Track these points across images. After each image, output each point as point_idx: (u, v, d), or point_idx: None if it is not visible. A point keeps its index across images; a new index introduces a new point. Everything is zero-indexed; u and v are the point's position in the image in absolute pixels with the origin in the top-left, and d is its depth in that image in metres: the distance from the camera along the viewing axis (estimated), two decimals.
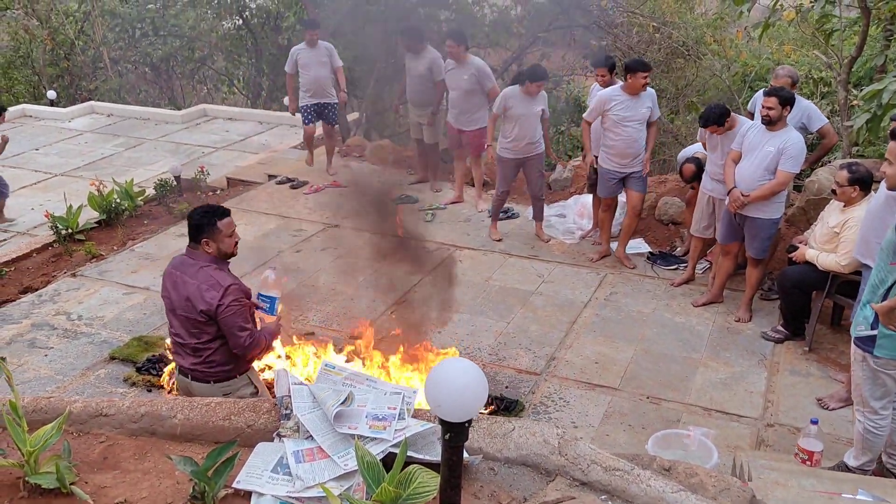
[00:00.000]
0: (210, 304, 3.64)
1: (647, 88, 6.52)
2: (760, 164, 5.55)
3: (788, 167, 5.50)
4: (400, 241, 6.35)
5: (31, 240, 7.61)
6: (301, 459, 2.54)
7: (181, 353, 3.86)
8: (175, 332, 3.85)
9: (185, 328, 3.77)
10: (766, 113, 5.47)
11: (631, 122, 6.48)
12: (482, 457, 2.66)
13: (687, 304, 6.27)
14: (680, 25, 11.47)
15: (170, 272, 3.82)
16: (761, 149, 5.55)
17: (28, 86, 15.02)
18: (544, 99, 7.16)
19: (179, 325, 3.79)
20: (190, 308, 3.70)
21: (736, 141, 5.77)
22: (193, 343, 3.77)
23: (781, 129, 5.51)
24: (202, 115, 12.54)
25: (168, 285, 3.80)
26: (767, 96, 5.50)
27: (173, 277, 3.78)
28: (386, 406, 2.71)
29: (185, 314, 3.74)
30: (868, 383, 3.82)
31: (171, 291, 3.78)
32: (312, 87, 8.90)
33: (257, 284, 4.15)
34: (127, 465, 2.76)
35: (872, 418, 3.86)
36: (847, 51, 7.50)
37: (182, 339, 3.81)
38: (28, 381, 5.21)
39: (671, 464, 2.70)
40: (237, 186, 9.09)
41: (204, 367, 3.79)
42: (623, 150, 6.55)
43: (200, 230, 3.75)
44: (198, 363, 3.79)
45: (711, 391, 5.19)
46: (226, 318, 3.67)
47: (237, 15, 14.52)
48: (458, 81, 7.76)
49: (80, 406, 2.95)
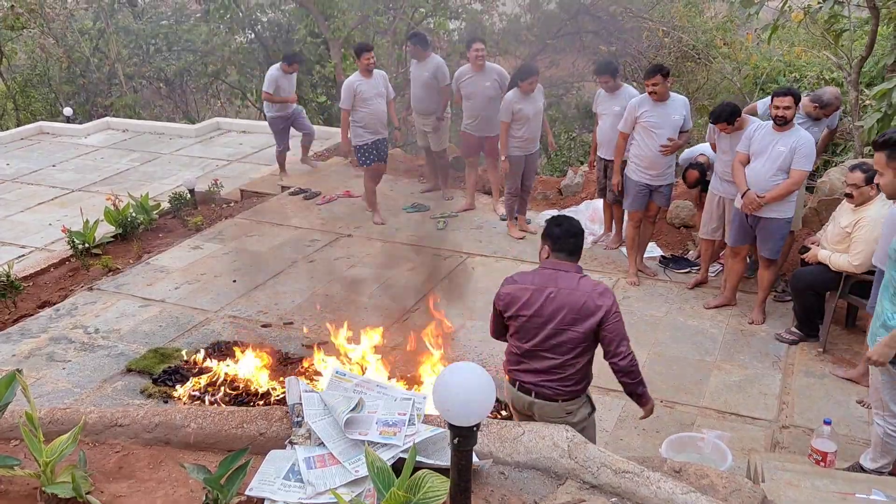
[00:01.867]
0: (604, 311, 3.45)
1: (678, 96, 6.45)
2: (773, 165, 5.52)
3: (802, 165, 5.48)
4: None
5: (48, 255, 7.72)
6: (312, 465, 2.57)
7: (530, 368, 3.62)
8: (531, 348, 3.58)
9: (554, 342, 3.54)
10: (782, 113, 5.44)
11: (662, 129, 6.30)
12: (492, 461, 2.67)
13: (700, 308, 6.25)
14: (689, 29, 11.47)
15: (532, 290, 3.55)
16: (773, 149, 5.53)
17: (45, 103, 15.24)
18: (542, 93, 7.39)
19: (544, 340, 3.54)
20: (575, 320, 3.48)
21: (742, 143, 5.73)
22: (560, 360, 3.54)
23: (790, 128, 5.49)
24: (216, 129, 12.66)
25: (529, 303, 3.54)
26: (782, 96, 5.45)
27: (546, 292, 3.52)
28: (396, 412, 2.73)
29: (565, 327, 3.50)
30: (888, 388, 3.78)
31: (544, 306, 3.51)
32: (372, 122, 7.89)
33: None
34: (142, 474, 2.79)
35: (893, 422, 3.83)
36: (857, 51, 7.47)
37: (542, 354, 3.57)
38: (47, 393, 5.28)
39: (682, 466, 2.70)
40: (251, 198, 9.16)
41: (556, 384, 3.58)
42: (654, 160, 6.37)
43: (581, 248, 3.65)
44: (551, 380, 3.58)
45: (726, 394, 5.17)
46: (614, 325, 3.48)
47: (249, 29, 14.67)
48: (479, 88, 7.76)
49: (96, 416, 2.99)
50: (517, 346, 3.64)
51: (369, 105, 7.76)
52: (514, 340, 3.65)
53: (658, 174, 6.45)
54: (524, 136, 7.28)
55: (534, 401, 3.63)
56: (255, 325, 6.16)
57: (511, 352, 3.71)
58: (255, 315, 6.30)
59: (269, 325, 6.13)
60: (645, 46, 11.65)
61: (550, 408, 3.62)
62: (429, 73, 8.21)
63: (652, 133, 6.32)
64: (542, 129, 7.51)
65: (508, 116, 7.18)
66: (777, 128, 5.51)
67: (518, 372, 3.67)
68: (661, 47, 11.46)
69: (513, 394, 3.75)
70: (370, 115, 7.79)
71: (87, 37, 14.76)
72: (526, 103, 7.16)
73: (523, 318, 3.56)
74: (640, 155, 6.46)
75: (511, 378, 3.73)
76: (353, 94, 7.73)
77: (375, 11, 10.77)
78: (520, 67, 7.49)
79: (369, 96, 7.80)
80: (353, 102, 7.77)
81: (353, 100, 7.75)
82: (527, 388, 3.64)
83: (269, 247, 7.67)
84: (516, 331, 3.62)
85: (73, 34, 14.50)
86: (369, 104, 7.76)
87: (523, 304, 3.55)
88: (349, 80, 7.87)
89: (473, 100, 7.84)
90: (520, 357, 3.65)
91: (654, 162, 6.38)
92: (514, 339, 3.65)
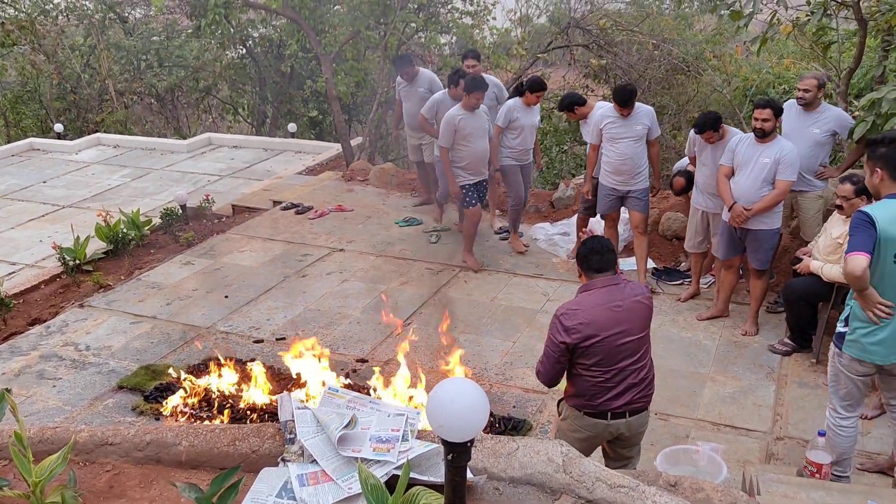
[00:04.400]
0: (652, 303, 3.64)
1: (644, 106, 6.59)
2: (759, 177, 5.58)
3: (787, 175, 5.55)
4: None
5: (39, 272, 7.67)
6: (305, 483, 2.55)
7: (622, 390, 3.55)
8: (622, 368, 3.53)
9: (641, 352, 3.58)
10: (760, 125, 5.53)
11: (624, 139, 6.48)
12: (487, 476, 2.65)
13: (693, 319, 6.26)
14: (679, 42, 11.53)
15: (602, 309, 3.49)
16: (756, 161, 5.59)
17: (36, 119, 15.21)
18: (538, 111, 7.47)
19: (631, 354, 3.53)
20: (644, 325, 3.58)
21: (726, 155, 5.80)
22: (646, 365, 3.62)
23: (773, 139, 5.56)
24: (207, 144, 12.66)
25: (608, 322, 3.48)
26: (761, 108, 5.54)
27: (609, 310, 3.49)
28: (389, 428, 2.72)
29: (640, 334, 3.55)
30: (833, 380, 3.95)
31: (619, 321, 3.49)
32: (475, 162, 7.02)
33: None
34: (133, 493, 2.76)
35: (834, 416, 3.96)
36: (845, 62, 7.53)
37: (632, 369, 3.55)
38: (37, 412, 5.23)
39: (677, 479, 2.69)
40: (242, 213, 9.14)
41: (646, 390, 3.62)
42: (618, 167, 6.56)
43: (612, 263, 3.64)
44: (643, 389, 3.60)
45: (720, 406, 5.16)
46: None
47: (240, 44, 14.69)
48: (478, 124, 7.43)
49: (86, 435, 2.96)
50: (600, 375, 3.52)
51: (472, 142, 6.89)
52: (598, 369, 3.52)
53: (624, 180, 6.60)
54: (518, 146, 7.36)
55: (629, 420, 3.62)
56: (247, 340, 6.13)
57: (594, 383, 3.55)
58: (248, 331, 6.27)
59: (261, 341, 6.09)
60: (635, 59, 11.69)
61: (643, 418, 3.68)
62: (424, 87, 8.21)
63: (615, 142, 6.53)
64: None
65: (505, 122, 7.26)
66: (759, 140, 5.56)
67: (607, 401, 3.56)
68: (652, 60, 11.51)
69: (597, 429, 3.64)
70: (472, 154, 6.96)
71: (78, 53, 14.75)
72: (524, 114, 7.27)
73: (606, 340, 3.47)
74: (606, 161, 6.66)
75: (596, 411, 3.59)
76: (452, 129, 6.86)
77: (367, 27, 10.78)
78: (532, 77, 7.52)
79: (473, 131, 6.97)
80: (452, 140, 6.95)
81: (453, 136, 6.92)
82: (620, 413, 3.59)
83: (261, 262, 7.64)
84: (600, 358, 3.49)
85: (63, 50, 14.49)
86: (472, 141, 6.88)
87: (600, 325, 3.47)
88: (451, 114, 6.91)
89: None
90: (606, 385, 3.54)
91: (618, 168, 6.58)
92: (597, 367, 3.52)
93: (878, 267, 3.65)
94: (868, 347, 3.75)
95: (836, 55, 7.69)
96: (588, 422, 3.65)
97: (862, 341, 3.77)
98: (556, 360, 3.56)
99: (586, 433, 3.69)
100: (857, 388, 3.90)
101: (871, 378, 3.95)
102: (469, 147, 6.90)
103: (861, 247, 3.58)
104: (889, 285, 3.67)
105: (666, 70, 11.46)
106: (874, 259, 3.62)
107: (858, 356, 3.79)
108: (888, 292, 3.67)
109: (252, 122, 16.20)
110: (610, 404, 3.58)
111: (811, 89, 5.97)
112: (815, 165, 6.11)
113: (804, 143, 5.99)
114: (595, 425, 3.64)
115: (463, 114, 6.81)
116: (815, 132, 6.03)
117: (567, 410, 3.75)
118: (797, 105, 6.10)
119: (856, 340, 3.80)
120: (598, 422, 3.63)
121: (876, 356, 3.75)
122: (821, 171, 6.14)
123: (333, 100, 11.00)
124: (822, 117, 6.04)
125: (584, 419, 3.65)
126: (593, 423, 3.64)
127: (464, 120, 6.78)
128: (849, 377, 3.86)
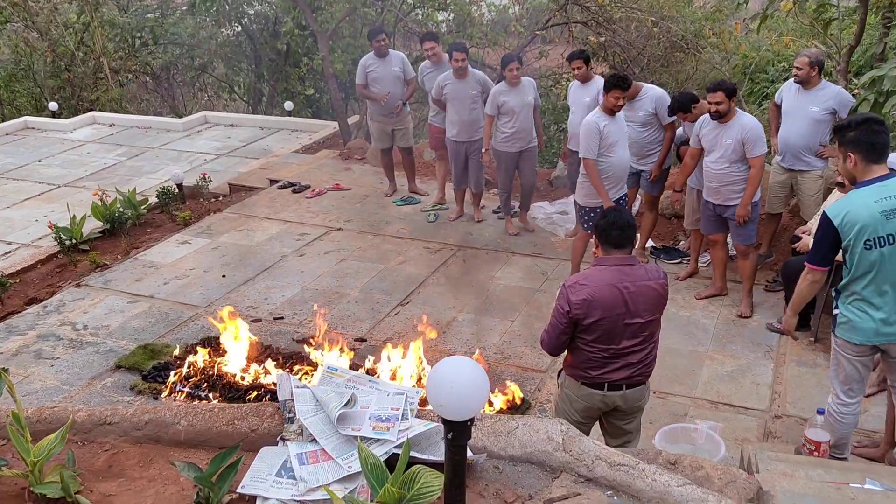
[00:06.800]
0: (667, 292, 3.61)
1: (648, 92, 6.50)
2: (724, 157, 5.67)
3: (758, 151, 5.61)
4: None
5: (35, 251, 7.63)
6: (305, 461, 2.54)
7: (623, 364, 3.57)
8: (623, 347, 3.54)
9: (646, 333, 3.56)
10: (715, 109, 5.59)
11: (630, 122, 6.43)
12: (486, 455, 2.65)
13: (692, 298, 6.25)
14: (678, 19, 11.43)
15: (609, 287, 3.46)
16: (720, 142, 5.66)
17: (30, 98, 15.07)
18: (533, 88, 7.19)
19: (630, 337, 3.52)
20: (657, 308, 3.56)
21: (693, 138, 5.96)
22: (651, 347, 3.63)
23: (732, 119, 5.62)
24: (203, 123, 12.57)
25: (613, 302, 3.46)
26: (713, 92, 5.60)
27: (622, 287, 3.47)
28: (389, 407, 2.71)
29: (648, 318, 3.53)
30: (834, 364, 3.94)
31: (627, 302, 3.47)
32: (617, 174, 6.07)
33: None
34: (132, 472, 2.76)
35: (836, 402, 3.95)
36: (846, 40, 7.47)
37: (635, 349, 3.56)
38: (35, 391, 5.22)
39: (677, 458, 2.69)
40: (239, 192, 9.09)
41: (647, 368, 3.66)
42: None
43: (631, 239, 3.61)
44: (644, 366, 3.63)
45: (718, 384, 5.17)
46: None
47: (236, 22, 14.56)
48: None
49: (84, 415, 2.95)
50: (603, 350, 3.53)
51: (614, 153, 5.96)
52: (597, 345, 3.52)
53: (636, 160, 6.56)
54: (513, 130, 7.11)
55: (625, 393, 3.64)
56: (245, 320, 6.11)
57: (592, 357, 3.56)
58: (245, 310, 6.25)
59: (259, 321, 6.08)
60: (634, 37, 11.59)
61: (641, 392, 3.70)
62: (397, 67, 8.08)
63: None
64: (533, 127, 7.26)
65: (494, 110, 7.09)
66: (721, 121, 5.64)
67: (607, 373, 3.58)
68: (651, 37, 11.41)
69: (594, 399, 3.66)
70: (615, 165, 5.99)
71: (72, 30, 14.57)
72: (511, 96, 7.01)
73: (608, 320, 3.46)
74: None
75: (593, 381, 3.61)
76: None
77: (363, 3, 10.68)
78: (502, 57, 7.42)
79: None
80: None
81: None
82: (618, 385, 3.62)
83: (259, 241, 7.61)
84: (600, 335, 3.49)
85: (57, 28, 14.31)
86: (614, 151, 5.97)
87: (605, 304, 3.45)
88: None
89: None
90: (607, 359, 3.56)
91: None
92: (596, 343, 3.52)
93: (853, 260, 3.65)
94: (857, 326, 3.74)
95: (837, 32, 7.63)
96: (585, 391, 3.67)
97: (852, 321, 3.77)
98: (562, 332, 3.56)
99: (583, 403, 3.71)
100: (856, 371, 3.85)
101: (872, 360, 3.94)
102: (611, 157, 5.94)
103: (819, 260, 3.79)
104: (863, 271, 3.65)
105: (665, 47, 11.37)
106: (850, 251, 3.63)
107: (849, 338, 3.78)
108: (878, 279, 3.64)
109: (248, 101, 16.09)
110: (609, 376, 3.59)
111: (803, 67, 5.94)
112: (815, 144, 6.07)
113: (803, 121, 5.97)
114: (591, 395, 3.66)
115: (606, 119, 5.89)
116: (813, 110, 5.99)
117: (565, 380, 3.78)
118: (795, 83, 6.07)
119: (846, 321, 3.79)
120: (594, 392, 3.65)
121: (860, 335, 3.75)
122: (821, 150, 6.11)
123: (330, 78, 10.91)
124: (821, 95, 6.00)
125: (580, 388, 3.68)
126: (589, 392, 3.66)
127: (608, 126, 5.88)
128: (846, 358, 3.84)
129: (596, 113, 5.97)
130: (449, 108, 7.48)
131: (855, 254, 3.63)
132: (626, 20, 11.74)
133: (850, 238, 3.61)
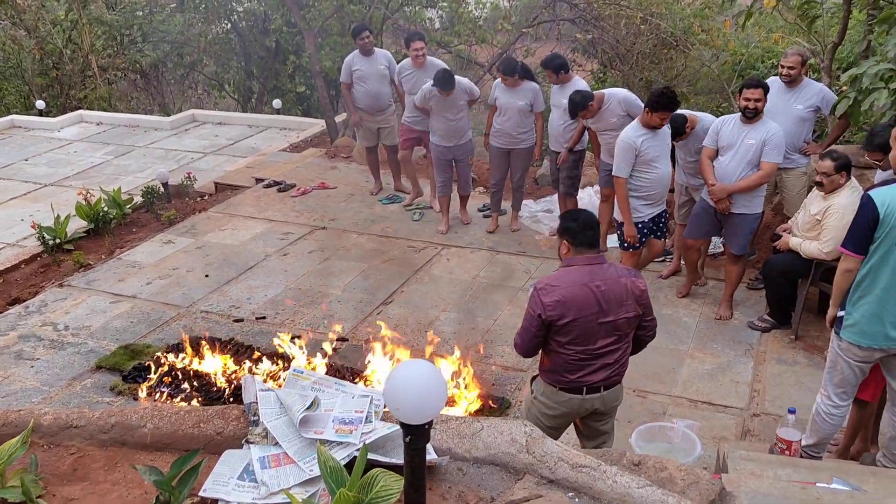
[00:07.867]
0: (641, 290, 3.55)
1: (612, 98, 6.41)
2: (743, 158, 5.52)
3: (773, 157, 5.48)
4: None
5: (19, 251, 7.61)
6: (267, 465, 2.53)
7: (600, 366, 3.56)
8: (599, 347, 3.52)
9: (620, 333, 3.54)
10: (753, 105, 5.42)
11: (607, 130, 6.48)
12: (450, 457, 2.65)
13: (673, 296, 6.25)
14: (667, 16, 11.41)
15: (581, 287, 3.44)
16: (742, 142, 5.51)
17: (18, 96, 14.97)
18: (533, 93, 7.03)
19: (605, 336, 3.50)
20: (629, 307, 3.50)
21: (709, 138, 5.73)
22: (625, 346, 3.61)
23: (759, 120, 5.48)
24: (191, 121, 12.54)
25: (586, 302, 3.44)
26: (752, 88, 5.43)
27: (589, 290, 3.44)
28: (353, 409, 2.70)
29: (621, 317, 3.49)
30: (831, 366, 3.87)
31: (599, 301, 3.45)
32: (658, 190, 5.80)
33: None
34: (96, 476, 2.75)
35: (826, 404, 3.90)
36: (831, 36, 7.46)
37: (610, 349, 3.54)
38: (14, 392, 5.21)
39: (640, 458, 2.69)
40: (225, 191, 9.07)
41: (622, 367, 3.65)
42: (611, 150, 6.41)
43: (599, 239, 3.61)
44: (620, 365, 3.62)
45: (698, 382, 5.18)
46: (647, 300, 3.59)
47: (225, 19, 14.50)
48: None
49: (51, 418, 2.94)
50: (580, 352, 3.50)
51: (655, 168, 5.67)
52: (573, 347, 3.49)
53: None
54: (503, 128, 7.10)
55: (603, 395, 3.63)
56: (227, 320, 6.10)
57: (569, 360, 3.53)
58: (228, 310, 6.24)
59: (241, 320, 6.07)
60: (623, 34, 11.57)
61: (617, 391, 3.70)
62: (383, 65, 8.02)
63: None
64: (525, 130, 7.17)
65: (492, 100, 7.20)
66: (746, 121, 5.49)
67: (585, 376, 3.55)
68: (639, 34, 11.40)
69: (572, 404, 3.63)
70: (655, 180, 5.71)
71: (60, 28, 14.49)
72: (504, 94, 7.03)
73: (582, 320, 3.44)
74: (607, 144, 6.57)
75: (571, 385, 3.58)
76: (633, 154, 5.62)
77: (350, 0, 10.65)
78: (503, 59, 7.40)
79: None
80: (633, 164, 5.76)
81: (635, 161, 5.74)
82: (596, 387, 3.60)
83: (242, 240, 7.60)
84: (576, 336, 3.47)
85: (45, 26, 14.23)
86: (654, 167, 5.66)
87: (578, 304, 3.43)
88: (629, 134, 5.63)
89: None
90: (584, 361, 3.53)
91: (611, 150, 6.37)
92: (572, 346, 3.49)
93: (880, 254, 3.51)
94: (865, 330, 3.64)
95: (822, 29, 7.62)
96: (563, 397, 3.63)
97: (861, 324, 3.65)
98: (534, 335, 3.53)
99: (561, 409, 3.67)
100: (853, 375, 3.78)
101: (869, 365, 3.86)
102: (652, 173, 5.65)
103: (854, 245, 3.56)
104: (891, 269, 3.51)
105: (654, 45, 11.36)
106: (877, 247, 3.50)
107: (856, 341, 3.67)
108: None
109: (238, 99, 16.03)
110: (588, 378, 3.57)
111: (796, 66, 5.91)
112: (799, 141, 6.07)
113: (787, 119, 5.95)
114: (570, 401, 3.63)
115: (644, 133, 5.58)
116: (797, 108, 5.99)
117: (542, 387, 3.72)
118: (780, 81, 6.05)
119: (854, 324, 3.67)
120: (573, 397, 3.62)
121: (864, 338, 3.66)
122: (805, 147, 6.10)
123: (318, 75, 10.89)
124: (804, 93, 5.99)
125: (559, 395, 3.63)
126: (568, 398, 3.62)
127: (647, 141, 5.57)
128: (847, 362, 3.75)
129: (633, 127, 5.61)
130: (434, 117, 7.28)
131: (882, 248, 3.49)
132: (614, 17, 11.73)
133: (886, 229, 3.44)
